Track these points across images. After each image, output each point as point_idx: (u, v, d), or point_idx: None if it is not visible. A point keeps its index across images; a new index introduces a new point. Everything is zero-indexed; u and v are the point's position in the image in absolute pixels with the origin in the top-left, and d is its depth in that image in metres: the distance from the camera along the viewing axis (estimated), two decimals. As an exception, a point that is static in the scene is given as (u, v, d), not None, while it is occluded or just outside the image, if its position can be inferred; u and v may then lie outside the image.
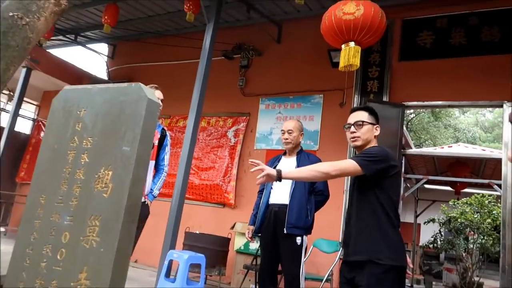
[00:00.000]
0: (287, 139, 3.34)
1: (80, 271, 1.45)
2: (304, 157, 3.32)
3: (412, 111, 15.99)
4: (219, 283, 4.88)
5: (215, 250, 4.81)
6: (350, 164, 1.94)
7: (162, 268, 3.78)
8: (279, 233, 3.12)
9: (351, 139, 2.16)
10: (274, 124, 5.79)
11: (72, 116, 1.72)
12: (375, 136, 2.15)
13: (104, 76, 7.78)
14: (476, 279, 6.39)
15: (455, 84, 4.77)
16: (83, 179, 1.59)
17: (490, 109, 21.60)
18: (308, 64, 5.70)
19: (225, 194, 5.81)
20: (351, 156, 5.06)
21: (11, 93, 7.64)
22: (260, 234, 3.34)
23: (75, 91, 1.79)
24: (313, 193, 3.25)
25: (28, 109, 8.63)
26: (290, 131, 3.33)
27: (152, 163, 2.99)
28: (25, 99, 6.98)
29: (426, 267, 8.42)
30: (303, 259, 3.11)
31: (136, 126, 1.56)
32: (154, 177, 3.05)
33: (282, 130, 3.40)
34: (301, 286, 3.05)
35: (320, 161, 3.30)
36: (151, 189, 3.02)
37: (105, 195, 1.52)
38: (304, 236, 3.13)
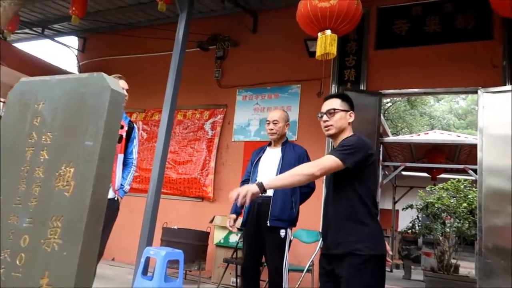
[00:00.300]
0: (272, 129, 3.23)
1: (41, 276, 1.35)
2: (290, 148, 3.23)
3: (388, 100, 16.21)
4: (199, 278, 4.81)
5: (194, 244, 4.73)
6: (331, 161, 1.88)
7: (138, 266, 3.68)
8: (263, 226, 3.04)
9: (324, 128, 2.11)
10: (252, 115, 5.71)
11: (30, 110, 1.60)
12: (349, 123, 2.10)
13: (75, 71, 7.51)
14: (453, 261, 6.54)
15: (430, 71, 4.79)
16: (42, 178, 1.48)
17: (463, 96, 22.15)
18: (284, 54, 5.62)
19: (203, 187, 5.71)
20: (330, 146, 5.04)
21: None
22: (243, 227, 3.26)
23: (32, 83, 1.66)
24: (298, 185, 3.19)
25: (-5, 106, 8.26)
26: (275, 122, 3.22)
27: (121, 157, 2.88)
28: (-10, 95, 6.67)
29: (405, 252, 8.57)
30: (287, 252, 3.05)
31: (99, 119, 1.46)
32: (123, 171, 2.94)
33: (267, 120, 3.29)
34: (284, 279, 3.00)
35: (305, 152, 3.24)
36: (121, 185, 2.90)
37: (67, 194, 1.41)
38: (288, 229, 3.07)
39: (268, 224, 3.01)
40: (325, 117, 2.10)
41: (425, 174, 9.66)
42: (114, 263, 5.92)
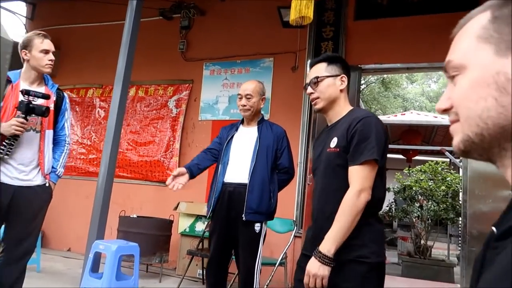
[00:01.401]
0: (245, 105, 2.70)
1: None
2: (267, 128, 2.73)
3: (363, 81, 15.99)
4: (161, 271, 4.37)
5: (155, 235, 4.26)
6: (366, 168, 1.44)
7: (87, 263, 3.19)
8: (234, 218, 2.60)
9: (312, 102, 1.69)
10: (220, 92, 5.21)
11: None
12: (341, 90, 1.65)
13: (24, 41, 6.74)
14: (430, 243, 6.38)
15: (413, 44, 4.42)
16: None
17: (435, 79, 22.33)
18: (256, 25, 5.12)
19: (167, 171, 5.20)
20: (306, 127, 4.62)
21: None
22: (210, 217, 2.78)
23: None
24: (275, 171, 2.72)
25: None
26: (248, 96, 2.70)
27: (50, 134, 2.37)
28: None
29: (379, 236, 8.42)
30: (260, 249, 2.61)
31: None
32: (54, 151, 2.43)
33: (239, 94, 2.76)
34: (255, 279, 2.58)
35: (284, 132, 2.75)
36: (53, 167, 2.40)
37: None
38: (263, 223, 2.63)
39: (244, 218, 2.55)
40: (309, 89, 1.66)
41: (401, 156, 9.50)
42: (70, 254, 5.40)
